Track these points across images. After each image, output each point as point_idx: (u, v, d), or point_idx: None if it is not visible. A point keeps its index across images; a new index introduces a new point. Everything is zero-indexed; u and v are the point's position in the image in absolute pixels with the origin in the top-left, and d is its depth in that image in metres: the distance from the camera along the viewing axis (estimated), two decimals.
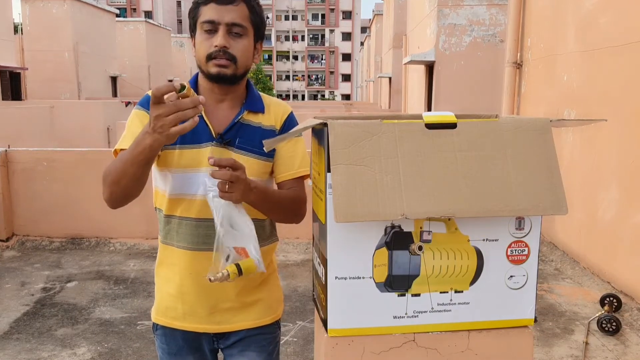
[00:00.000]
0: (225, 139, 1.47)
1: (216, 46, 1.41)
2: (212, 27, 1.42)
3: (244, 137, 1.49)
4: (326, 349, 1.13)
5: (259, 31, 1.50)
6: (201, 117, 1.46)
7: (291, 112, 1.60)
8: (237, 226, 1.35)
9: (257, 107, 1.54)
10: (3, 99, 17.81)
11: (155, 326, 1.62)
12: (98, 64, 23.16)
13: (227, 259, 1.33)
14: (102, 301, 4.20)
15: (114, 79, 25.18)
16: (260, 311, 1.59)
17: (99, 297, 4.29)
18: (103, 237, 5.72)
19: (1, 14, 18.37)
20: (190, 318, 1.54)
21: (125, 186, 1.35)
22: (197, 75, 1.54)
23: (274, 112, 1.56)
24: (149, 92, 1.48)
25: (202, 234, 1.48)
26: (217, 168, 1.30)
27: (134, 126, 1.47)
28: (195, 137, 1.45)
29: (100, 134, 12.35)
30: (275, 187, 1.60)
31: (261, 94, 1.60)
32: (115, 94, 24.68)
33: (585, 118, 3.22)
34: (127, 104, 14.30)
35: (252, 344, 1.59)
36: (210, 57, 1.42)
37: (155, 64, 29.13)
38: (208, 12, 1.42)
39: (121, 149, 1.43)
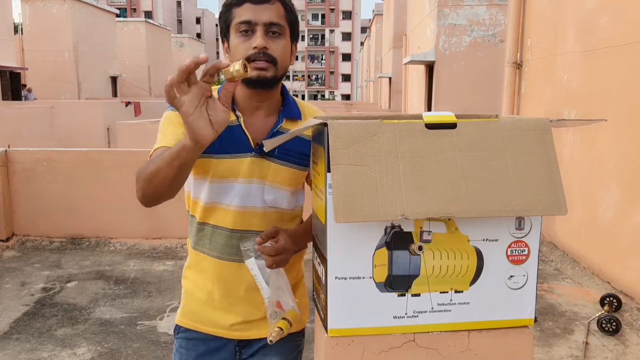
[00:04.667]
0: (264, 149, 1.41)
1: (255, 47, 1.34)
2: (249, 28, 1.35)
3: (283, 147, 1.41)
4: (326, 349, 1.13)
5: (295, 31, 1.44)
6: (239, 126, 1.42)
7: None
8: (272, 282, 1.39)
9: (295, 114, 1.48)
10: (3, 99, 17.81)
11: (178, 328, 1.58)
12: (98, 64, 23.16)
13: (274, 316, 1.39)
14: (102, 301, 4.20)
15: (114, 79, 25.19)
16: None
17: (99, 297, 4.29)
18: (103, 237, 5.72)
19: (1, 14, 18.36)
20: (217, 323, 1.51)
21: (157, 186, 1.25)
22: None
23: (309, 118, 1.47)
24: None
25: (234, 245, 1.45)
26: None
27: (168, 126, 1.41)
28: (234, 146, 1.41)
29: (100, 134, 12.33)
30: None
31: (295, 98, 1.54)
32: (115, 94, 24.69)
33: (585, 118, 3.22)
34: (127, 104, 14.27)
35: (275, 349, 1.54)
36: (248, 61, 1.34)
37: (155, 64, 29.13)
38: (243, 13, 1.35)
39: (156, 148, 1.39)
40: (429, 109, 10.71)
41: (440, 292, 1.14)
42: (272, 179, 1.43)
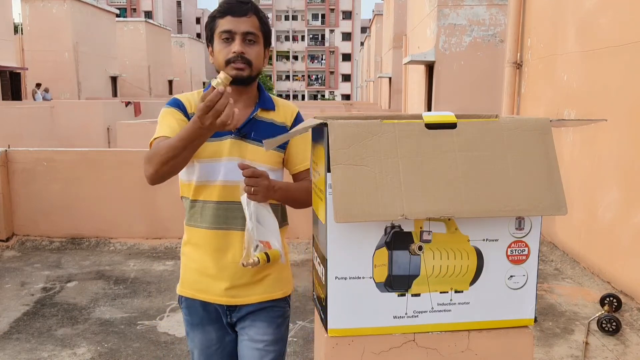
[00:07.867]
0: (242, 133, 1.69)
1: (234, 52, 1.63)
2: (229, 36, 1.64)
3: (258, 131, 1.71)
4: (326, 349, 1.13)
5: (267, 38, 1.73)
6: None
7: (298, 111, 1.84)
8: (263, 222, 1.60)
9: (268, 105, 1.76)
10: (3, 99, 17.81)
11: (180, 299, 1.82)
12: (98, 64, 23.17)
13: (255, 249, 1.60)
14: (102, 301, 4.20)
15: (114, 79, 25.20)
16: (270, 285, 1.76)
17: (99, 297, 4.29)
18: (103, 237, 5.71)
19: (1, 14, 18.37)
20: (210, 290, 1.74)
21: (173, 166, 1.53)
22: None
23: (283, 110, 1.79)
24: (177, 96, 1.77)
25: (221, 215, 1.70)
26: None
27: (166, 119, 1.68)
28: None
29: (100, 134, 12.33)
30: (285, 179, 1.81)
31: (270, 94, 1.81)
32: (115, 94, 24.69)
33: (585, 118, 3.22)
34: (127, 104, 14.28)
35: (262, 314, 1.77)
36: (228, 62, 1.64)
37: (155, 64, 29.14)
38: (225, 24, 1.64)
39: (157, 137, 1.64)
40: (429, 109, 10.71)
41: (440, 292, 1.14)
42: (251, 157, 1.69)
